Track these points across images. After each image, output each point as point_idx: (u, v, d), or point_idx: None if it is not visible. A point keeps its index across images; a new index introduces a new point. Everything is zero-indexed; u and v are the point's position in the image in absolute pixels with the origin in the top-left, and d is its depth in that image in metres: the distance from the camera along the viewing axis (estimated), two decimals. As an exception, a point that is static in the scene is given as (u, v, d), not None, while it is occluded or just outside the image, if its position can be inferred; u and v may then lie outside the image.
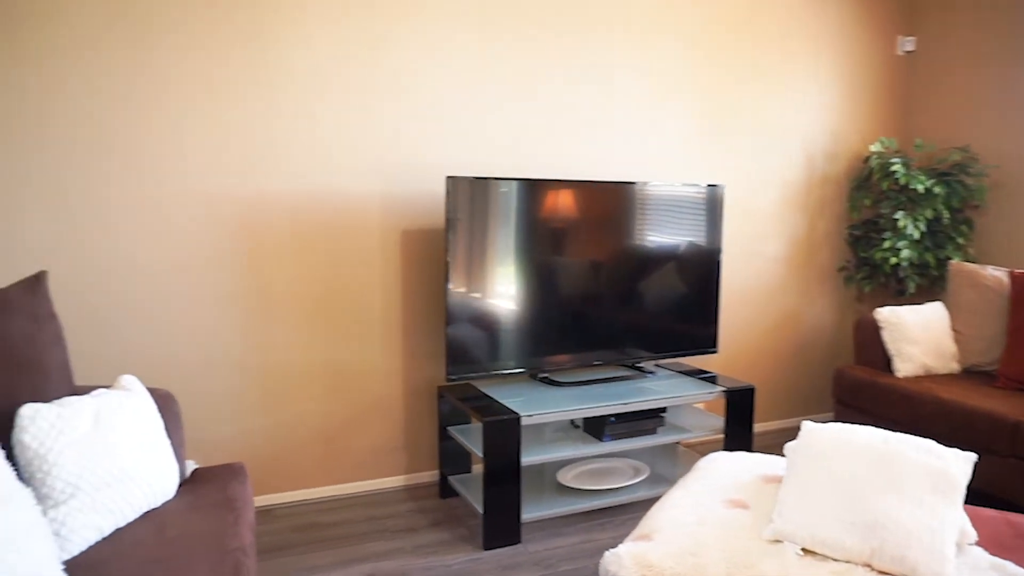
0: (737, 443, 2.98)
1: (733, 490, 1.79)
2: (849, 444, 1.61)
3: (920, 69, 3.99)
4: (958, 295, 3.30)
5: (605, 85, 3.27)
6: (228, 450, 2.79)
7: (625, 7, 3.27)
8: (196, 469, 2.03)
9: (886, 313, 3.23)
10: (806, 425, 1.74)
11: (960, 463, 1.54)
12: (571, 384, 2.98)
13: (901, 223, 3.53)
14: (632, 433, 2.83)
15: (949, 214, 3.66)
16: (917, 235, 3.54)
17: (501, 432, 2.51)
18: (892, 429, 3.02)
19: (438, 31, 2.94)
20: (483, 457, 2.50)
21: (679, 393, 2.87)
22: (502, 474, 2.52)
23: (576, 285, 2.97)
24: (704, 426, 3.01)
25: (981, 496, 2.73)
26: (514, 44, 3.08)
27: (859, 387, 3.22)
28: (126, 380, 1.82)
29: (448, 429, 2.93)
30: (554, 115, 3.18)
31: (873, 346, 3.32)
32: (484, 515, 2.51)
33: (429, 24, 2.93)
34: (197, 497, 1.81)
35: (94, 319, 2.55)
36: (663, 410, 2.92)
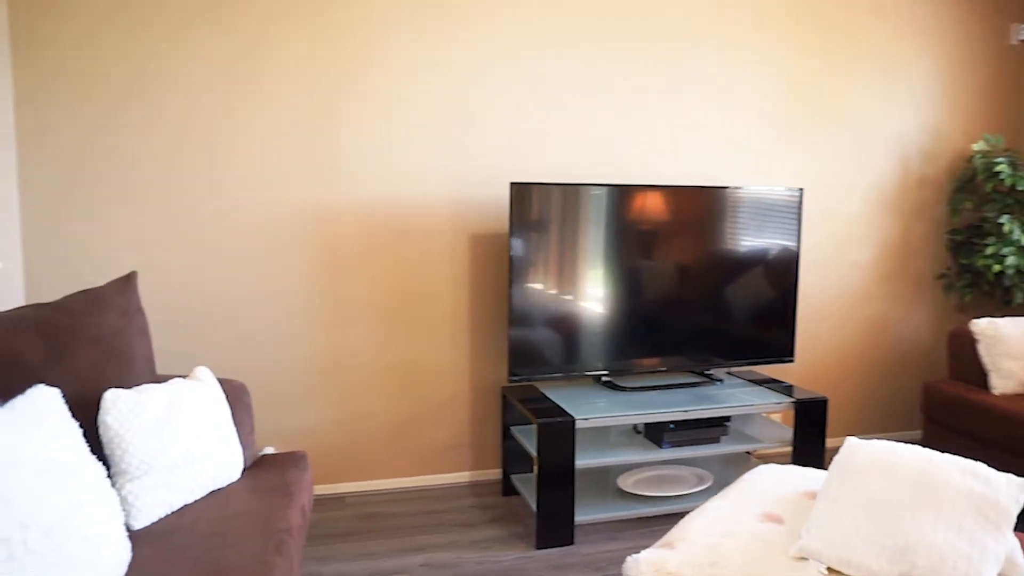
0: (807, 457, 2.87)
1: (772, 504, 1.75)
2: (890, 463, 1.54)
3: (1036, 60, 3.67)
4: (1069, 307, 3.02)
5: (676, 86, 3.23)
6: (305, 439, 2.99)
7: (697, 3, 3.22)
8: (264, 455, 2.20)
9: (983, 325, 3.01)
10: (849, 441, 1.67)
11: (1012, 489, 1.44)
12: (634, 389, 2.97)
13: (1007, 228, 3.27)
14: (692, 441, 2.79)
15: (1064, 218, 3.34)
16: (1024, 241, 3.27)
17: (555, 434, 2.55)
18: (985, 450, 2.81)
19: (506, 39, 3.02)
20: (537, 458, 2.54)
21: (743, 402, 2.80)
22: (556, 475, 2.55)
23: (644, 290, 2.96)
24: (773, 437, 2.91)
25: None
26: (582, 49, 3.11)
27: (950, 404, 3.01)
28: (199, 371, 2.01)
29: (511, 429, 3.00)
30: (622, 119, 3.18)
31: (968, 360, 3.09)
32: (537, 514, 2.56)
33: (497, 32, 3.01)
34: (258, 480, 1.97)
35: (184, 315, 2.81)
36: (727, 419, 2.85)
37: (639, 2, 3.15)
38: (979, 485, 1.45)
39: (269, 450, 2.59)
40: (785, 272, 3.13)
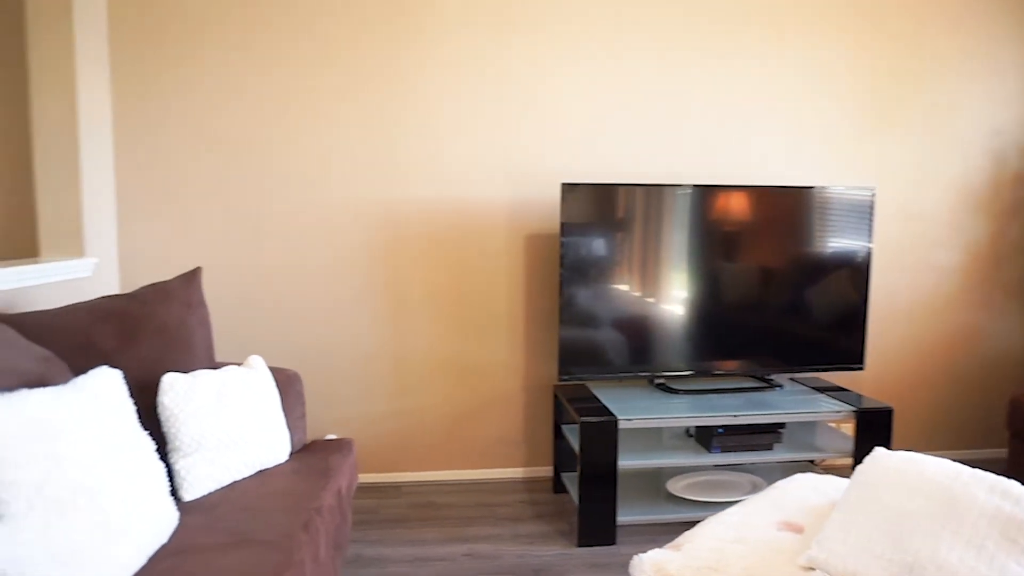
0: (870, 469, 2.73)
1: (795, 512, 1.70)
2: (912, 476, 1.47)
3: None
4: None
5: (735, 83, 3.15)
6: (365, 429, 3.14)
7: None
8: (312, 441, 2.35)
9: (1079, 336, 2.75)
10: (876, 451, 1.60)
11: (1044, 510, 1.34)
12: (686, 392, 2.93)
13: (1114, 230, 2.98)
14: (742, 447, 2.72)
15: None
16: None
17: (598, 433, 2.56)
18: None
19: (561, 42, 3.05)
20: (579, 457, 2.57)
21: (800, 409, 2.70)
22: (598, 474, 2.57)
23: (702, 292, 2.91)
24: (834, 448, 2.79)
25: None
26: (637, 49, 3.09)
27: (1038, 420, 2.78)
28: (252, 359, 2.17)
29: (561, 427, 3.03)
30: (678, 117, 3.14)
31: (1062, 374, 2.84)
32: (579, 512, 2.58)
33: (553, 36, 3.04)
34: (302, 463, 2.11)
35: (254, 308, 3.02)
36: (781, 426, 2.76)
37: (700, -1, 3.10)
38: (1008, 505, 1.36)
39: (331, 437, 2.76)
40: (856, 275, 2.99)
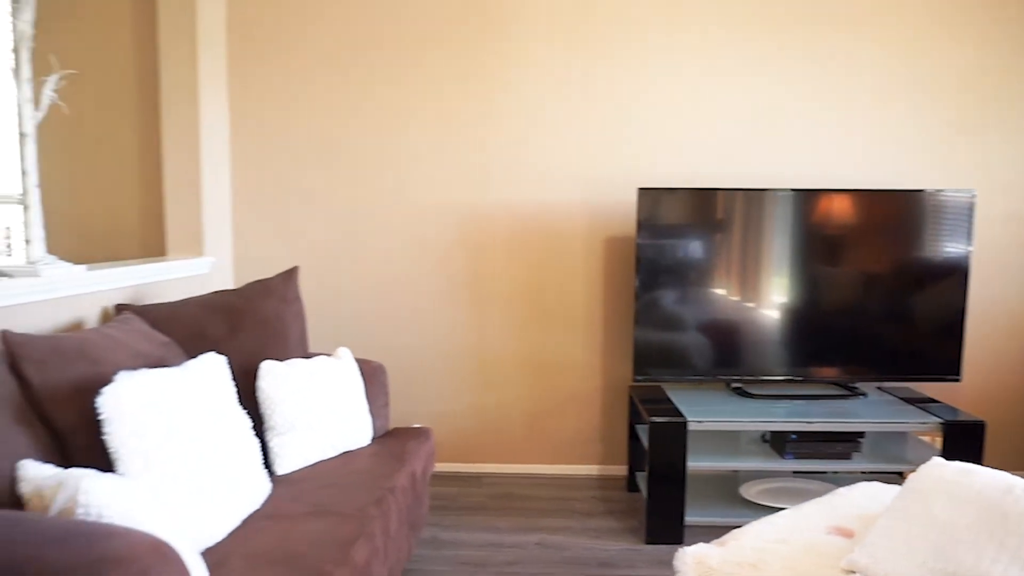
0: (959, 485, 2.61)
1: (849, 518, 1.70)
2: (963, 487, 1.44)
3: None
4: None
5: (817, 86, 3.09)
6: (450, 421, 3.32)
7: None
8: (395, 428, 2.54)
9: None
10: (933, 460, 1.58)
11: (1103, 528, 1.29)
12: (763, 397, 2.91)
13: None
14: (817, 454, 2.67)
15: None
16: None
17: (667, 434, 2.60)
18: None
19: (643, 50, 3.10)
20: (648, 455, 2.62)
21: (879, 419, 2.63)
22: (667, 474, 2.61)
23: (779, 296, 2.88)
24: (920, 460, 2.68)
25: None
26: (719, 58, 3.09)
27: None
28: (341, 351, 2.39)
29: (635, 427, 3.08)
30: (757, 120, 3.12)
31: None
32: (647, 510, 2.63)
33: (633, 45, 3.10)
34: (382, 448, 2.30)
35: (347, 303, 3.26)
36: (860, 435, 2.69)
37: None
38: (1062, 520, 1.32)
39: (417, 426, 2.97)
40: (953, 282, 2.86)
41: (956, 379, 2.91)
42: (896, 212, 2.84)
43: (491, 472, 3.35)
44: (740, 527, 1.70)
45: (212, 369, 1.87)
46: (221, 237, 3.15)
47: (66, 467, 1.42)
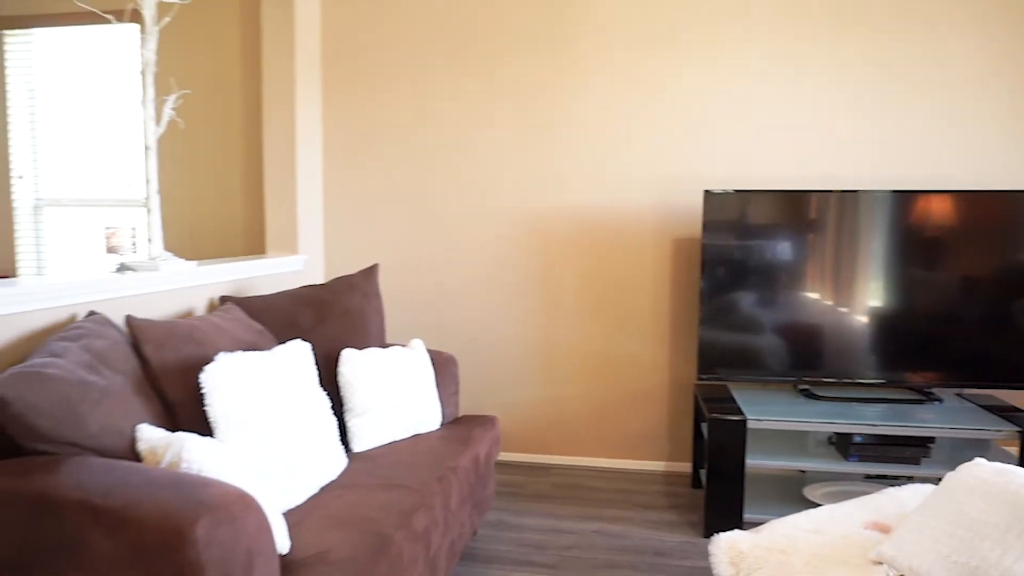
0: (1037, 495, 2.52)
1: (890, 516, 1.73)
2: (997, 486, 1.45)
3: None
4: None
5: (887, 86, 3.03)
6: (520, 413, 3.48)
7: (935, -4, 2.98)
8: (462, 415, 2.72)
9: None
10: (976, 460, 1.59)
11: None
12: (831, 399, 2.90)
13: None
14: (884, 458, 2.65)
15: None
16: None
17: (726, 431, 2.66)
18: None
19: (710, 56, 3.15)
20: (707, 452, 2.68)
21: (949, 424, 2.57)
22: (726, 470, 2.66)
23: (846, 298, 2.87)
24: (994, 469, 2.61)
25: None
26: (785, 54, 3.10)
27: None
28: (414, 342, 2.59)
29: (700, 424, 3.14)
30: (826, 124, 3.10)
31: None
32: (706, 506, 2.69)
33: (700, 52, 3.16)
34: (449, 432, 2.49)
35: (426, 298, 3.48)
36: (930, 440, 2.64)
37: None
38: (1094, 520, 1.32)
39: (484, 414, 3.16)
40: (1040, 285, 2.76)
41: (1042, 387, 2.80)
42: (978, 213, 2.76)
43: (559, 463, 3.49)
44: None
45: (298, 354, 2.11)
46: (313, 237, 3.44)
47: (174, 432, 1.68)
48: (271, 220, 3.30)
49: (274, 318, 2.45)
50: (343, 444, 2.36)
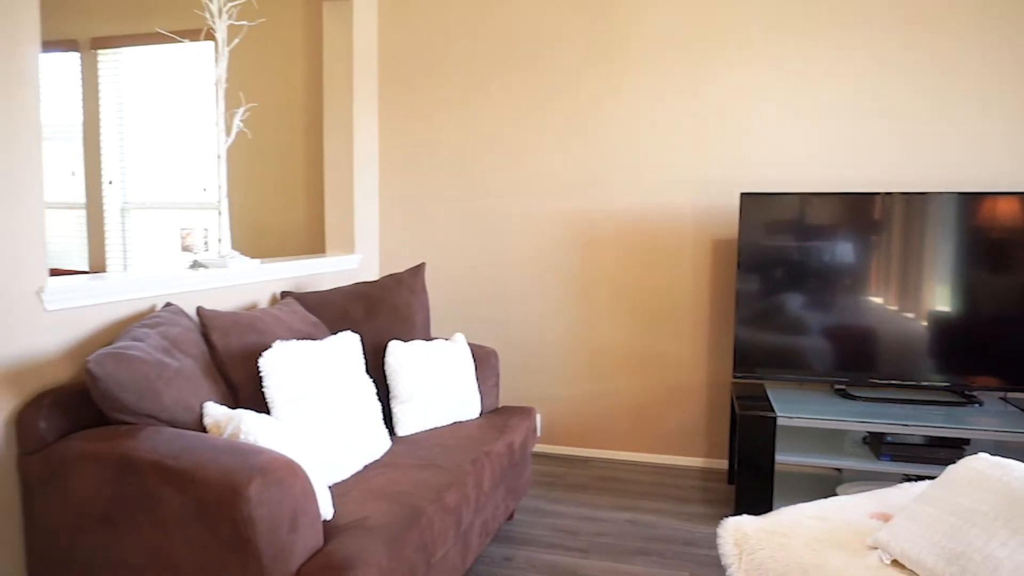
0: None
1: (898, 507, 1.79)
2: (991, 479, 1.51)
3: None
4: None
5: (918, 89, 3.03)
6: (562, 407, 3.62)
7: (980, -3, 2.96)
8: (502, 406, 2.88)
9: None
10: (978, 455, 1.65)
11: (1122, 523, 1.33)
12: (866, 399, 2.93)
13: None
14: (916, 458, 2.67)
15: None
16: None
17: (756, 428, 2.73)
18: None
19: (747, 62, 3.22)
20: (738, 447, 2.76)
21: (984, 426, 2.58)
22: (755, 466, 2.74)
23: (880, 299, 2.89)
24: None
25: None
26: (819, 59, 3.13)
27: None
28: (456, 336, 2.77)
29: (736, 421, 3.20)
30: (858, 128, 3.11)
31: None
32: (736, 500, 2.77)
33: (738, 54, 3.23)
34: (488, 421, 2.65)
35: (473, 295, 3.66)
36: (965, 442, 2.65)
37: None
38: (1081, 512, 1.37)
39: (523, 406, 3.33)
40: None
41: (1090, 392, 2.75)
42: (996, 213, 2.74)
43: (598, 457, 3.61)
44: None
45: (347, 344, 2.31)
46: (369, 238, 3.68)
47: (235, 409, 1.90)
48: (330, 222, 3.55)
49: (328, 311, 2.67)
50: (389, 428, 2.56)
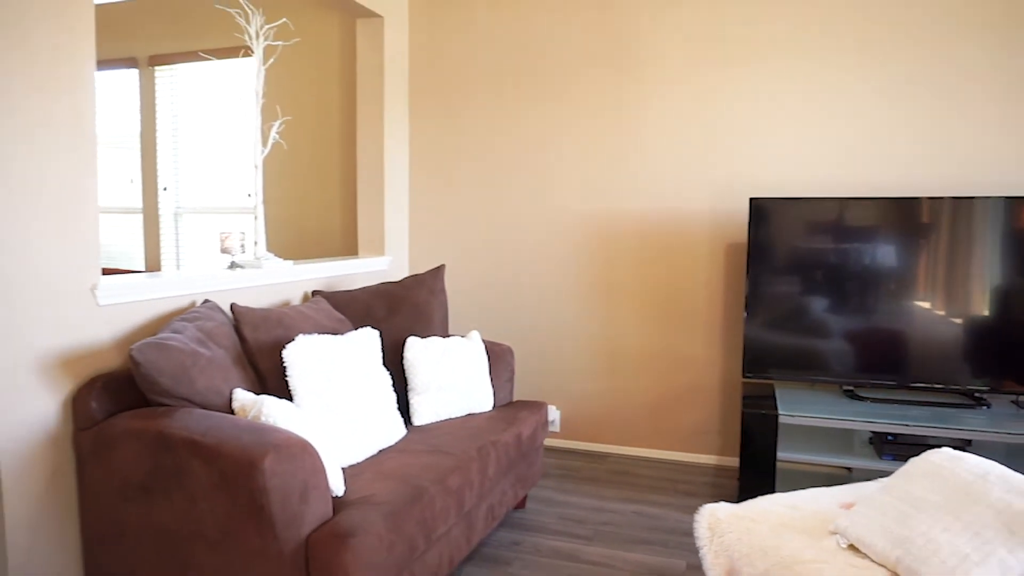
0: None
1: (865, 496, 1.89)
2: (944, 470, 1.60)
3: None
4: None
5: (925, 100, 3.06)
6: (580, 404, 3.76)
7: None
8: (516, 400, 3.05)
9: None
10: (942, 449, 1.73)
11: (1058, 513, 1.41)
12: (873, 400, 2.98)
13: None
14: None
15: None
16: None
17: (759, 425, 2.83)
18: None
19: (758, 71, 3.31)
20: (741, 444, 2.86)
21: (987, 428, 2.62)
22: (758, 463, 2.83)
23: (884, 302, 2.95)
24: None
25: None
26: (830, 69, 3.20)
27: None
28: (472, 334, 2.95)
29: (747, 421, 3.29)
30: (870, 134, 3.17)
31: None
32: (738, 495, 2.87)
33: (755, 67, 3.32)
34: (499, 413, 2.82)
35: (494, 296, 3.84)
36: (967, 442, 2.69)
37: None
38: (1019, 502, 1.45)
39: (554, 410, 3.51)
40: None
41: (1102, 397, 2.75)
42: (988, 219, 2.77)
43: (615, 453, 3.74)
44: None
45: (366, 339, 2.52)
46: (399, 240, 3.89)
47: (260, 395, 2.12)
48: (362, 226, 3.78)
49: (354, 309, 2.89)
50: (406, 418, 2.75)
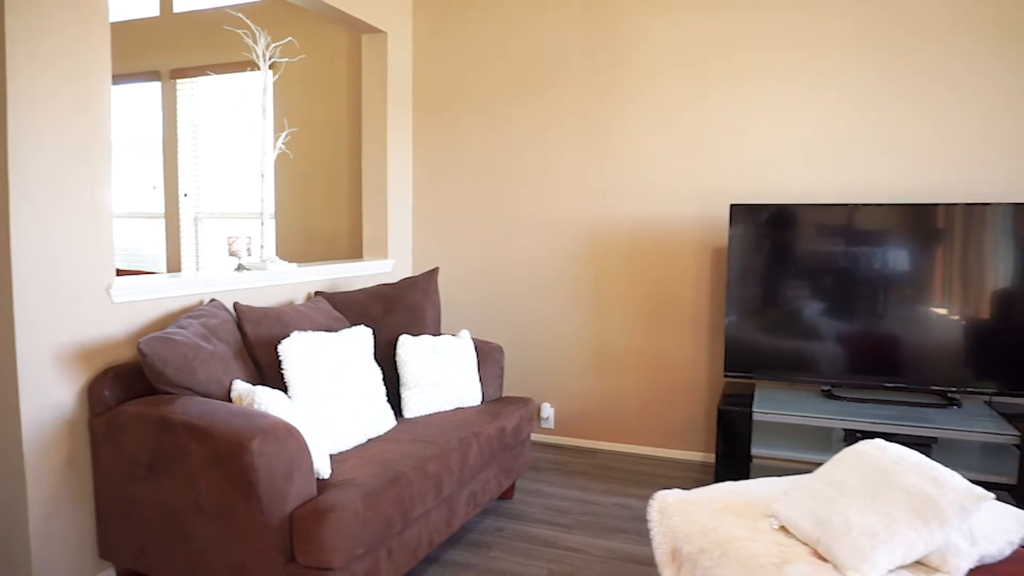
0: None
1: (812, 488, 2.02)
2: (871, 457, 1.73)
3: None
4: None
5: (900, 104, 3.17)
6: (573, 402, 3.92)
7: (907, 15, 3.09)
8: (504, 396, 3.22)
9: None
10: (874, 440, 1.87)
11: (961, 496, 1.53)
12: (849, 400, 3.10)
13: None
14: (883, 455, 2.83)
15: None
16: None
17: (733, 422, 2.96)
18: None
19: (744, 81, 3.44)
20: (717, 440, 2.99)
21: (951, 426, 2.72)
22: (732, 458, 2.97)
23: (861, 305, 3.06)
24: (993, 470, 2.73)
25: None
26: (816, 81, 3.32)
27: None
28: (462, 332, 3.13)
29: (729, 419, 3.42)
30: (849, 143, 3.28)
31: None
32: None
33: (741, 76, 3.46)
34: (486, 408, 2.99)
35: (491, 295, 4.01)
36: (933, 439, 2.80)
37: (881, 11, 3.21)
38: (929, 487, 1.58)
39: (548, 406, 3.68)
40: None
41: (1069, 398, 2.84)
42: (981, 221, 2.86)
43: (606, 449, 3.89)
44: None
45: (359, 337, 2.71)
46: (402, 244, 4.09)
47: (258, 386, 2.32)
48: (367, 230, 3.98)
49: (352, 309, 3.08)
50: (398, 411, 2.94)
